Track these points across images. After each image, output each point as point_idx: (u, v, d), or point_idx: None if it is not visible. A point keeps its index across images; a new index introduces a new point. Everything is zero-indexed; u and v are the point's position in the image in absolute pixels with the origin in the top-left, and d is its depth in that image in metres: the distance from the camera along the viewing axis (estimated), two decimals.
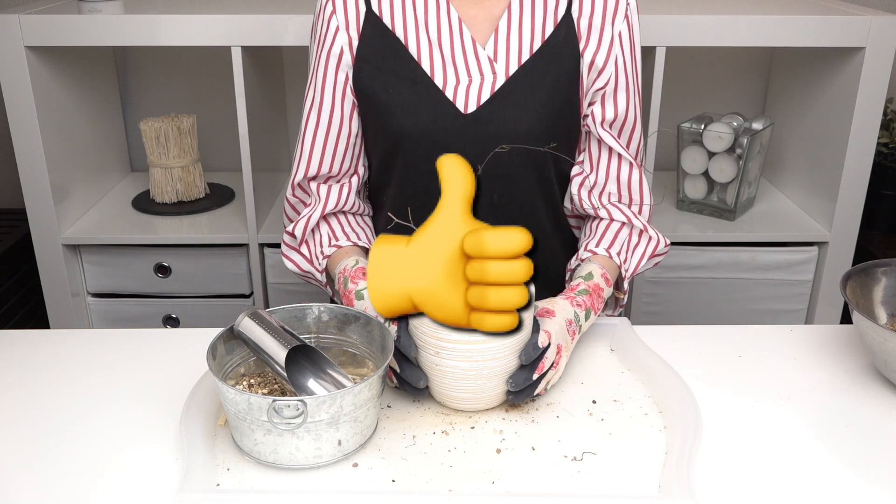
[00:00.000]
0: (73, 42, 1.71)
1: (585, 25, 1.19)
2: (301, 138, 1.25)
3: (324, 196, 1.25)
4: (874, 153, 1.78)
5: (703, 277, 1.93)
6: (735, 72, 2.19)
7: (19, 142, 1.76)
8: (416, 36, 1.19)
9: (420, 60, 1.18)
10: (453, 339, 0.94)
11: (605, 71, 1.20)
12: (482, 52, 1.18)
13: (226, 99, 2.05)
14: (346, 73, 1.21)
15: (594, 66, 1.20)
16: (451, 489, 0.87)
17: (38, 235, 1.85)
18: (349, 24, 1.19)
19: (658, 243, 1.26)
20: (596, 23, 1.19)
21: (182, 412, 0.95)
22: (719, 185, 1.93)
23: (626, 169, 1.24)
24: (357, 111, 1.23)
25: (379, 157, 1.25)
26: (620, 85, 1.21)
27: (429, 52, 1.18)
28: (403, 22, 1.19)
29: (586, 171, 1.26)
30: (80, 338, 1.19)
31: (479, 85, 1.17)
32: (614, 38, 1.19)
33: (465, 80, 1.18)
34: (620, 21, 1.19)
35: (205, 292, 1.96)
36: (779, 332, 1.18)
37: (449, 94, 1.17)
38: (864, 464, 0.91)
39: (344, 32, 1.19)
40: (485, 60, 1.18)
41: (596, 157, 1.25)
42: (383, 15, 1.19)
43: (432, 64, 1.18)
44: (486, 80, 1.18)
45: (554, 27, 1.19)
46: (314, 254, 1.25)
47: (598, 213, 1.25)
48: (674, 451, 0.90)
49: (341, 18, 1.19)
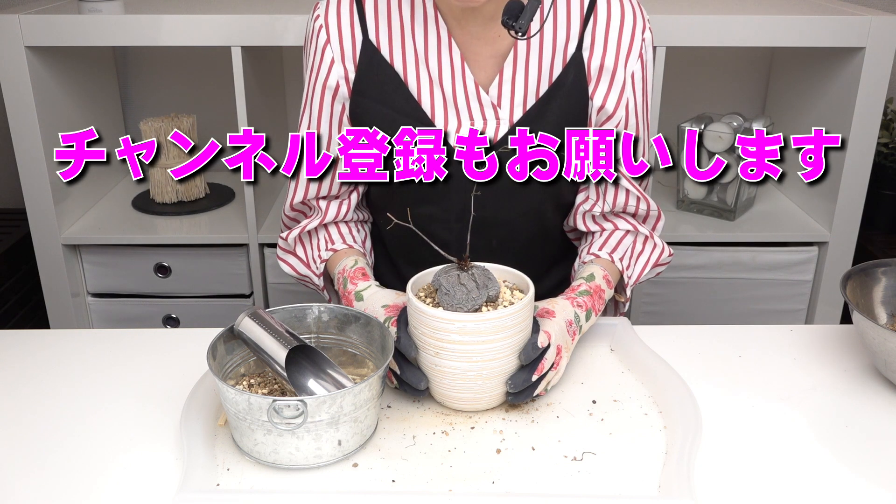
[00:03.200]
0: (73, 42, 1.71)
1: (597, 67, 1.12)
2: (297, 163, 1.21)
3: (324, 208, 1.23)
4: (874, 153, 1.78)
5: (703, 277, 1.93)
6: (735, 72, 2.19)
7: (19, 142, 1.76)
8: (416, 71, 1.13)
9: (420, 99, 1.13)
10: (453, 339, 0.94)
11: (615, 116, 1.14)
12: (485, 96, 1.12)
13: (226, 99, 2.05)
14: (343, 104, 1.16)
15: (604, 111, 1.14)
16: (451, 489, 0.87)
17: (38, 235, 1.85)
18: (345, 56, 1.14)
19: (662, 252, 1.24)
20: (608, 65, 1.12)
21: (182, 412, 0.95)
22: (719, 185, 1.93)
23: (634, 202, 1.20)
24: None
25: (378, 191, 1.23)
26: (630, 125, 1.16)
27: (429, 90, 1.13)
28: (402, 55, 1.13)
29: (592, 197, 1.21)
30: (80, 338, 1.19)
31: (482, 132, 1.13)
32: (626, 81, 1.13)
33: (467, 124, 1.12)
34: (634, 61, 1.12)
35: (205, 292, 1.96)
36: (779, 332, 1.18)
37: (451, 140, 1.12)
38: (864, 464, 0.91)
39: (339, 65, 1.14)
40: (488, 106, 1.12)
41: (602, 190, 1.20)
42: (381, 45, 1.13)
43: (433, 103, 1.13)
44: (489, 126, 1.13)
45: (563, 67, 1.12)
46: (311, 257, 1.24)
47: (603, 227, 1.22)
48: (674, 451, 0.90)
49: (336, 50, 1.13)
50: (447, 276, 0.96)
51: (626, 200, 1.20)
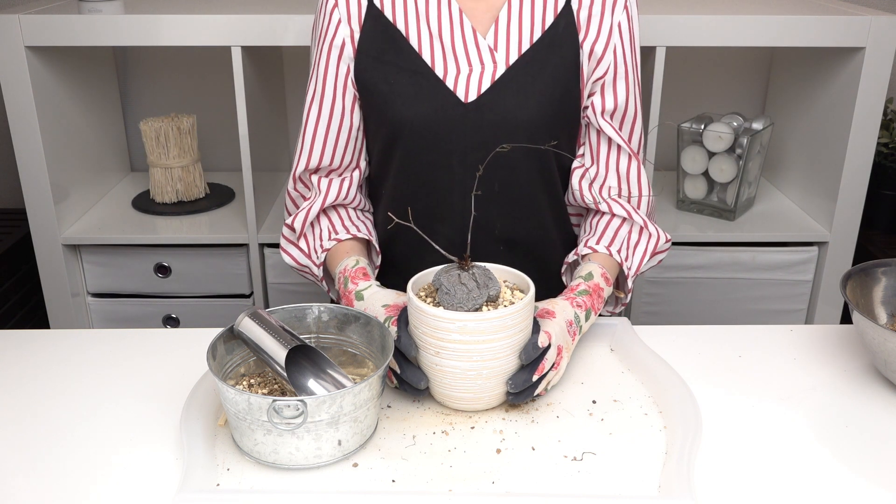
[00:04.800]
0: (73, 42, 1.71)
1: (585, 16, 1.20)
2: (302, 131, 1.25)
3: (324, 189, 1.25)
4: (874, 153, 1.79)
5: (703, 277, 1.93)
6: (735, 72, 2.19)
7: (19, 142, 1.76)
8: (416, 28, 1.19)
9: (421, 51, 1.19)
10: (454, 338, 0.94)
11: (603, 60, 1.20)
12: (482, 41, 1.19)
13: (226, 99, 2.06)
14: (348, 66, 1.21)
15: (593, 55, 1.20)
16: (451, 489, 0.87)
17: (38, 235, 1.85)
18: (350, 17, 1.20)
19: (658, 239, 1.25)
20: (595, 13, 1.20)
21: (182, 412, 0.95)
22: (719, 185, 1.93)
23: (626, 161, 1.24)
24: (358, 104, 1.24)
25: (379, 149, 1.25)
26: (619, 74, 1.21)
27: (429, 43, 1.19)
28: (405, 14, 1.20)
29: (587, 163, 1.26)
30: (80, 338, 1.19)
31: (480, 74, 1.18)
32: (613, 28, 1.20)
33: (465, 70, 1.18)
34: (620, 12, 1.20)
35: (205, 292, 1.96)
36: (779, 332, 1.18)
37: (449, 84, 1.17)
38: (863, 464, 0.91)
39: (346, 25, 1.20)
40: (485, 50, 1.18)
41: (596, 149, 1.25)
42: (384, 8, 1.20)
43: (433, 54, 1.19)
44: (487, 69, 1.18)
45: (554, 18, 1.19)
46: (313, 247, 1.25)
47: (599, 207, 1.25)
48: (674, 451, 0.90)
49: (343, 11, 1.20)
50: (448, 276, 0.96)
51: (619, 158, 1.24)
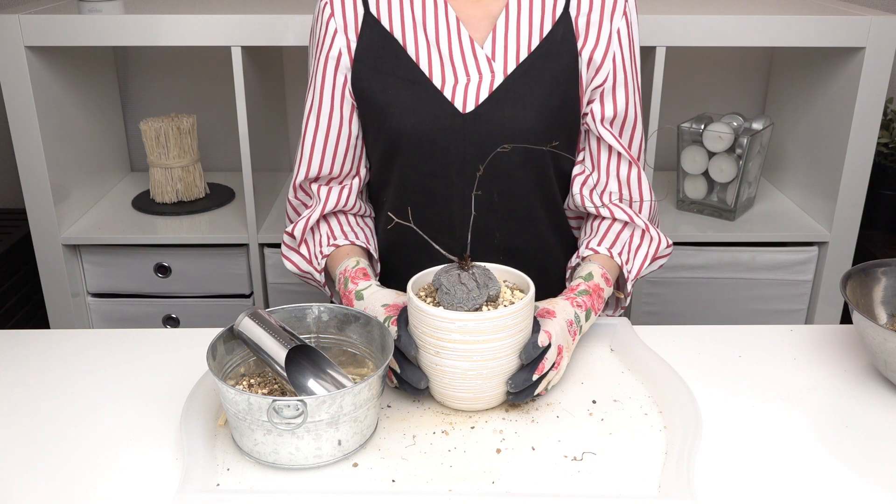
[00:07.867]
0: (73, 42, 1.71)
1: (584, 23, 1.19)
2: (301, 140, 1.25)
3: (324, 197, 1.25)
4: (874, 153, 1.79)
5: (703, 277, 1.93)
6: (735, 72, 2.19)
7: (19, 142, 1.76)
8: (413, 36, 1.18)
9: (418, 61, 1.18)
10: (454, 338, 0.94)
11: (603, 68, 1.19)
12: (480, 51, 1.18)
13: (226, 99, 2.06)
14: (345, 76, 1.20)
15: (592, 63, 1.19)
16: (451, 489, 0.87)
17: (38, 235, 1.85)
18: (347, 27, 1.19)
19: (660, 244, 1.25)
20: (594, 20, 1.19)
21: (182, 412, 0.95)
22: (719, 185, 1.93)
23: (626, 168, 1.24)
24: (356, 113, 1.23)
25: (378, 158, 1.25)
26: (619, 82, 1.20)
27: (427, 52, 1.18)
28: (402, 23, 1.19)
29: (587, 169, 1.26)
30: (80, 338, 1.19)
31: (478, 84, 1.17)
32: (612, 35, 1.19)
33: (463, 80, 1.17)
34: (619, 18, 1.19)
35: (205, 292, 1.96)
36: (779, 332, 1.18)
37: (447, 94, 1.17)
38: (863, 464, 0.91)
39: (342, 35, 1.19)
40: (483, 59, 1.18)
41: (596, 156, 1.24)
42: (381, 17, 1.19)
43: (430, 64, 1.18)
44: (485, 79, 1.17)
45: (552, 25, 1.18)
46: (313, 254, 1.25)
47: (600, 213, 1.24)
48: (674, 451, 0.90)
49: (339, 21, 1.19)
50: (448, 276, 0.96)
51: (619, 165, 1.24)
